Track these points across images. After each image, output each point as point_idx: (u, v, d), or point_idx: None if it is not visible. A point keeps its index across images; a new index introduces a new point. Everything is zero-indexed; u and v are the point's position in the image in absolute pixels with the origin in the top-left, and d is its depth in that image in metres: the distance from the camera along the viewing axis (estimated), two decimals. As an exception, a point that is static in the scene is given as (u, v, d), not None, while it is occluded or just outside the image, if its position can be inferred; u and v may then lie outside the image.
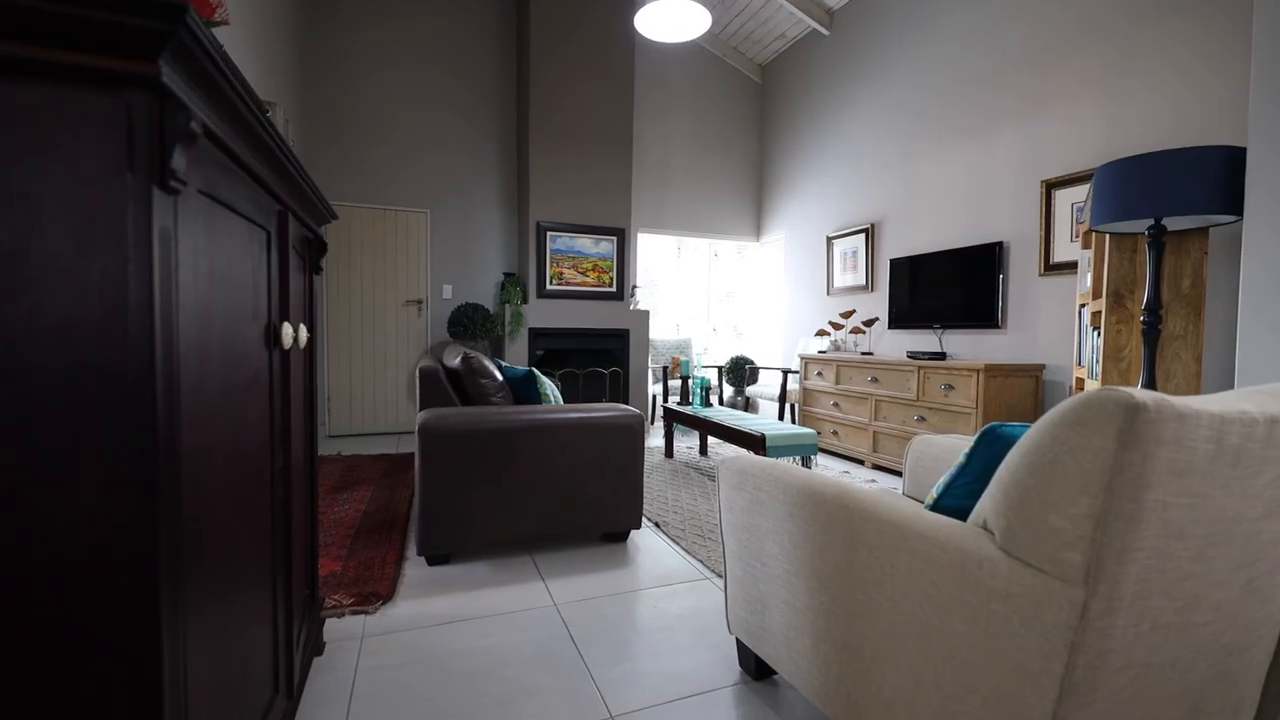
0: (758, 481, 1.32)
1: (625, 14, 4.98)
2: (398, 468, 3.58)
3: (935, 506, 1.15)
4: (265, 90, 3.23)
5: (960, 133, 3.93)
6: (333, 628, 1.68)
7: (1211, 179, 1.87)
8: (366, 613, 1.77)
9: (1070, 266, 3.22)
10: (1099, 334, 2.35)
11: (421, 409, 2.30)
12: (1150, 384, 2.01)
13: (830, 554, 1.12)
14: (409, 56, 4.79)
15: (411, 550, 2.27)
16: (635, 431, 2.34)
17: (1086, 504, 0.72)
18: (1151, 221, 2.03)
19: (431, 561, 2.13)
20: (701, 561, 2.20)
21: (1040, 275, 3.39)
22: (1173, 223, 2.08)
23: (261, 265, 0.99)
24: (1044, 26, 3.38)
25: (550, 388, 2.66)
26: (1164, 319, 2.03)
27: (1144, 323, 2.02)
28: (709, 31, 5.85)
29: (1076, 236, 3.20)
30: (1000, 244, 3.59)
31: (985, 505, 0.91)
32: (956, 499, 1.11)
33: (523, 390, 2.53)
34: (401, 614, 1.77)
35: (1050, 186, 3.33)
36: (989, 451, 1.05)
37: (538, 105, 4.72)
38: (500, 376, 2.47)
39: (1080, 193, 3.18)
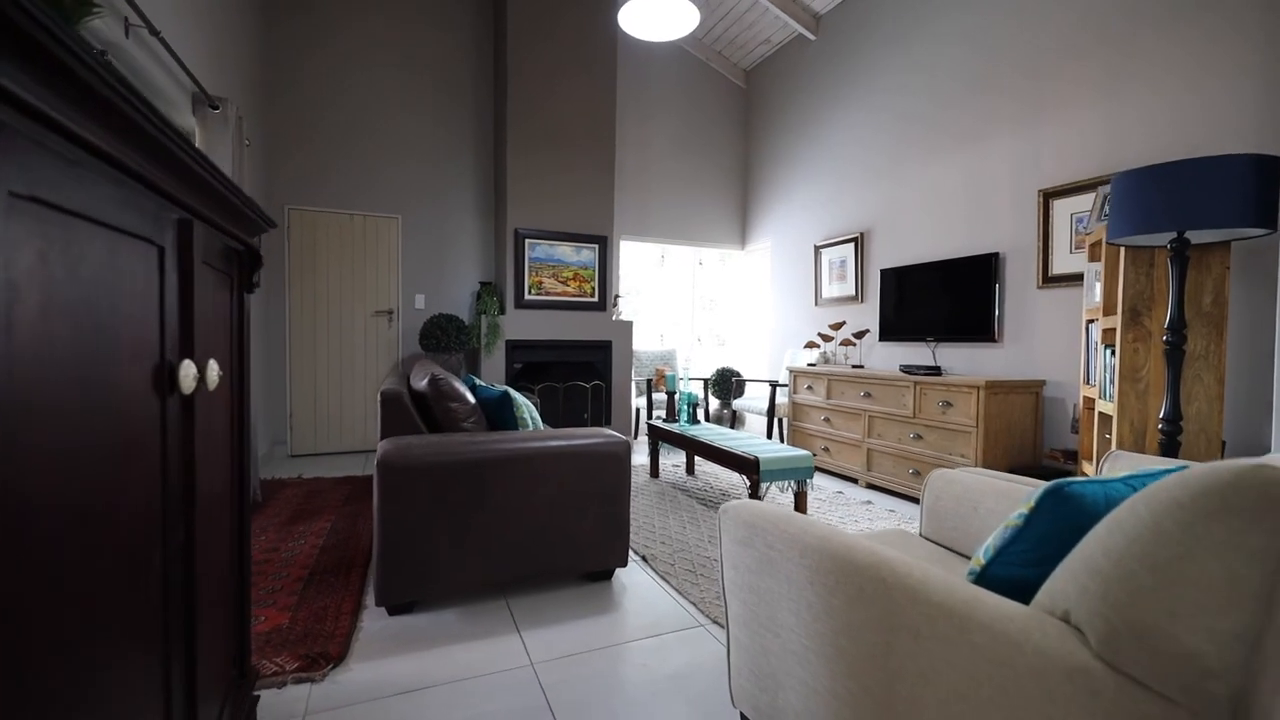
0: (769, 538, 1.13)
1: (607, 12, 4.80)
2: (363, 492, 3.32)
3: (984, 575, 0.97)
4: (215, 85, 2.97)
5: (953, 140, 3.82)
6: (271, 702, 1.44)
7: (1239, 189, 1.74)
8: (313, 680, 1.54)
9: (1070, 279, 3.11)
10: (1113, 353, 2.22)
11: (383, 438, 2.07)
12: (1174, 408, 1.88)
13: (862, 635, 0.93)
14: (381, 57, 4.55)
15: (372, 597, 2.03)
16: (621, 460, 2.14)
17: (1237, 620, 0.55)
18: (1174, 234, 1.90)
19: (392, 611, 1.90)
20: (695, 604, 2.01)
21: (1039, 287, 3.28)
22: (1193, 236, 1.95)
23: (151, 289, 0.78)
24: (1039, 31, 3.29)
25: (528, 409, 2.45)
26: (1187, 339, 1.89)
27: (1167, 343, 1.89)
28: (692, 34, 5.71)
29: (1077, 248, 3.09)
30: (996, 255, 3.48)
31: (1066, 591, 0.73)
32: (1011, 568, 0.93)
33: (497, 414, 2.31)
34: (355, 681, 1.54)
35: (1048, 196, 3.22)
36: (1055, 515, 0.87)
37: (516, 107, 4.51)
38: (472, 399, 2.25)
39: (1080, 203, 3.08)
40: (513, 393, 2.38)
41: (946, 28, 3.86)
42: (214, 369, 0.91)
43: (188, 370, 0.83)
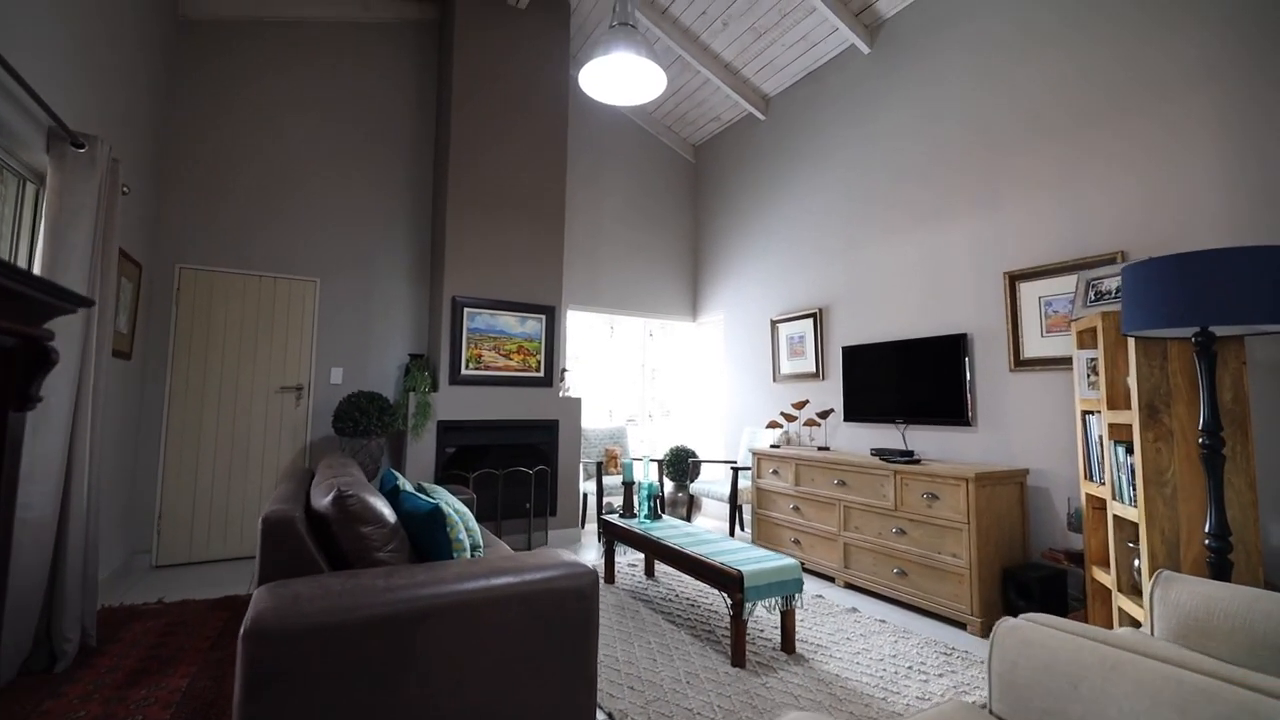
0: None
1: (559, 70, 4.65)
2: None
3: None
4: (86, 122, 2.46)
5: (912, 221, 3.80)
6: None
7: (1271, 282, 1.61)
8: None
9: (1045, 362, 3.01)
10: (1129, 451, 2.02)
11: (262, 581, 1.52)
12: (1221, 523, 1.66)
13: None
14: (308, 106, 4.14)
15: (227, 819, 1.41)
16: (588, 598, 1.67)
17: None
18: (1197, 329, 1.75)
19: None
20: (686, 798, 1.52)
21: (1011, 370, 3.17)
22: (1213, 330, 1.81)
23: None
24: (988, 122, 3.35)
25: (464, 526, 1.95)
26: (1225, 440, 1.71)
27: (1205, 447, 1.69)
28: (642, 107, 5.69)
29: (1049, 331, 3.01)
30: (964, 336, 3.37)
31: None
32: None
33: (425, 535, 1.80)
34: None
35: (1014, 279, 3.17)
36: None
37: (458, 165, 4.19)
38: (392, 517, 1.74)
39: (1048, 286, 3.03)
40: (445, 505, 1.89)
41: (894, 121, 3.92)
42: None
43: None
